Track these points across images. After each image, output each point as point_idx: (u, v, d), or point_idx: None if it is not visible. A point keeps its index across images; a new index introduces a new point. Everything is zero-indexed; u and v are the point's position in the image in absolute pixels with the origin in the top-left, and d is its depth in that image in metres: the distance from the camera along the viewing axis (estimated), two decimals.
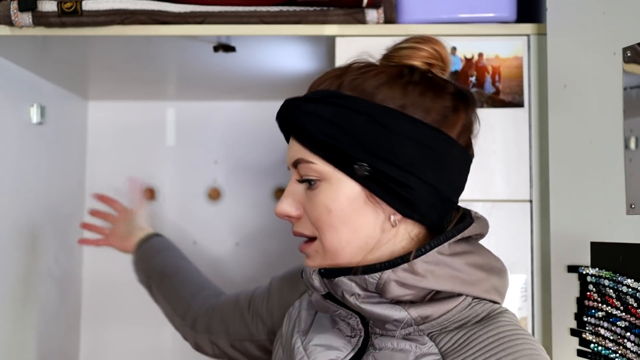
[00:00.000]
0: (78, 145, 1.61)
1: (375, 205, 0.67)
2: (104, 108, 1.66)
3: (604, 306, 0.90)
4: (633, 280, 0.86)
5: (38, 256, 1.37)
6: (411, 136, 0.65)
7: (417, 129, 0.66)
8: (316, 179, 0.68)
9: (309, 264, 0.71)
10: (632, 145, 0.87)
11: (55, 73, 1.37)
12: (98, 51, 1.21)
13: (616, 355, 0.88)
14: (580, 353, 0.93)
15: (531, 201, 1.05)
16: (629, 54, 0.88)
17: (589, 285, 0.92)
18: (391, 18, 1.07)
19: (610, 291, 0.89)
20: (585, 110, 0.94)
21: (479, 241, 0.74)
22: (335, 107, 0.67)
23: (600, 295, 0.90)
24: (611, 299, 0.89)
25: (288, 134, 0.73)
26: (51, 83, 1.43)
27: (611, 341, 0.89)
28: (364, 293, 0.67)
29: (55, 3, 1.04)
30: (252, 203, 1.65)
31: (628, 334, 0.87)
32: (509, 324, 0.65)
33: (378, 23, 1.07)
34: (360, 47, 0.75)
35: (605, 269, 0.90)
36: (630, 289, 0.86)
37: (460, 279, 0.67)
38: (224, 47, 1.14)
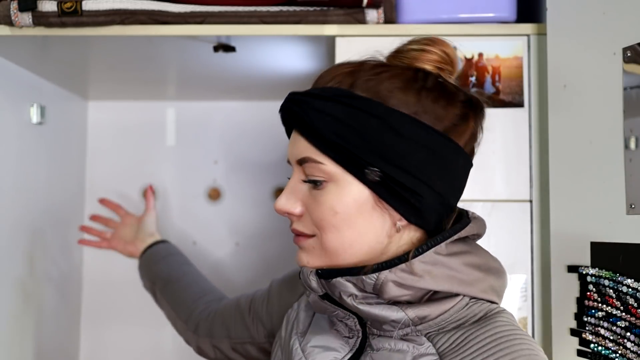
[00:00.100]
0: (78, 145, 1.61)
1: (382, 210, 0.67)
2: (104, 108, 1.66)
3: (604, 306, 0.90)
4: (633, 280, 0.86)
5: (38, 256, 1.37)
6: (424, 143, 0.65)
7: (429, 137, 0.66)
8: (323, 180, 0.67)
9: (302, 258, 0.71)
10: (632, 145, 0.87)
11: (55, 73, 1.37)
12: (98, 51, 1.21)
13: (616, 355, 0.88)
14: (580, 353, 0.93)
15: (531, 201, 1.05)
16: (629, 54, 0.88)
17: (589, 285, 0.92)
18: (391, 18, 1.07)
19: (610, 291, 0.89)
20: (585, 110, 0.94)
21: (477, 241, 0.74)
22: (347, 108, 0.65)
23: (600, 295, 0.90)
24: (611, 299, 0.89)
25: (291, 128, 0.72)
26: (51, 83, 1.43)
27: (611, 341, 0.89)
28: (361, 294, 0.67)
29: (55, 3, 1.04)
30: (252, 203, 1.65)
31: (628, 334, 0.87)
32: (507, 324, 0.65)
33: (378, 23, 1.07)
34: (360, 47, 0.75)
35: (605, 269, 0.90)
36: (630, 289, 0.86)
37: (457, 279, 0.67)
38: (224, 47, 1.14)
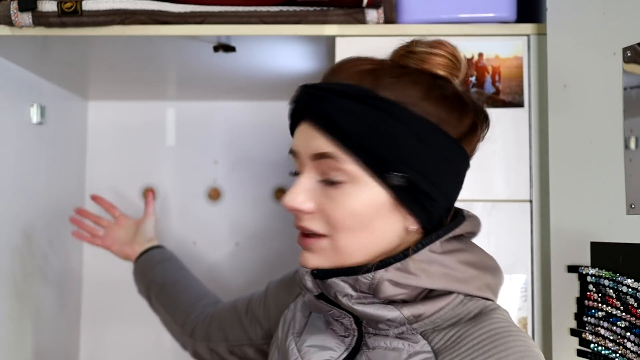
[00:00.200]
0: (78, 145, 1.61)
1: (398, 213, 0.67)
2: (104, 108, 1.66)
3: (604, 306, 0.90)
4: (633, 280, 0.86)
5: (38, 256, 1.37)
6: (442, 151, 0.67)
7: (447, 144, 0.67)
8: (342, 179, 0.66)
9: (309, 260, 0.69)
10: (632, 145, 0.87)
11: (55, 73, 1.37)
12: (98, 51, 1.21)
13: (616, 355, 0.88)
14: (580, 353, 0.93)
15: (531, 201, 1.05)
16: (629, 54, 0.88)
17: (589, 285, 0.92)
18: (391, 18, 1.07)
19: (610, 291, 0.89)
20: (585, 110, 0.94)
21: (473, 240, 0.74)
22: (373, 109, 0.65)
23: (600, 295, 0.90)
24: (611, 299, 0.89)
25: (298, 121, 0.70)
26: (51, 83, 1.43)
27: (611, 341, 0.89)
28: (357, 294, 0.67)
29: (55, 3, 1.04)
30: (252, 203, 1.65)
31: (628, 334, 0.87)
32: (501, 321, 0.65)
33: (378, 23, 1.07)
34: (360, 47, 0.75)
35: (605, 269, 0.90)
36: (630, 289, 0.86)
37: (452, 277, 0.67)
38: (224, 47, 1.14)
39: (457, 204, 0.74)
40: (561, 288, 0.96)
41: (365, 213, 0.66)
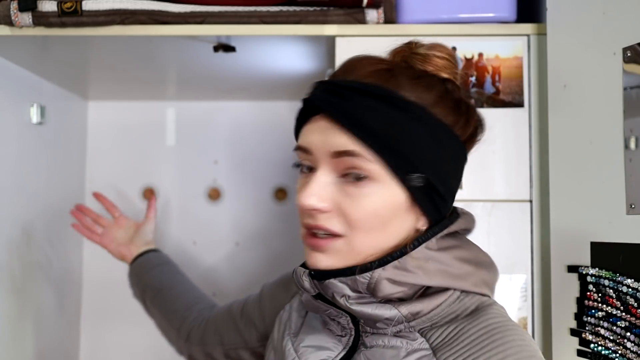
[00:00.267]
0: (78, 145, 1.61)
1: (412, 213, 0.68)
2: (104, 108, 1.66)
3: (604, 306, 0.90)
4: (633, 280, 0.86)
5: (38, 256, 1.37)
6: (454, 154, 0.69)
7: (456, 147, 0.69)
8: (364, 177, 0.65)
9: (321, 261, 0.67)
10: (632, 145, 0.87)
11: (55, 73, 1.37)
12: (98, 51, 1.21)
13: (616, 355, 0.88)
14: (580, 353, 0.93)
15: (531, 201, 1.05)
16: (629, 54, 0.88)
17: (589, 285, 0.92)
18: (391, 18, 1.07)
19: (610, 291, 0.89)
20: (585, 110, 0.94)
21: (466, 237, 0.75)
22: (396, 109, 0.65)
23: (600, 295, 0.90)
24: (611, 299, 0.89)
25: (310, 116, 0.68)
26: (51, 83, 1.43)
27: (611, 341, 0.89)
28: (354, 294, 0.67)
29: (55, 3, 1.04)
30: (252, 203, 1.65)
31: (628, 334, 0.87)
32: (498, 316, 0.65)
33: (378, 23, 1.07)
34: (360, 47, 0.75)
35: (605, 269, 0.90)
36: (630, 289, 0.86)
37: (449, 273, 0.67)
38: (224, 47, 1.14)
39: (458, 204, 0.74)
40: (561, 288, 0.96)
41: (384, 213, 0.66)
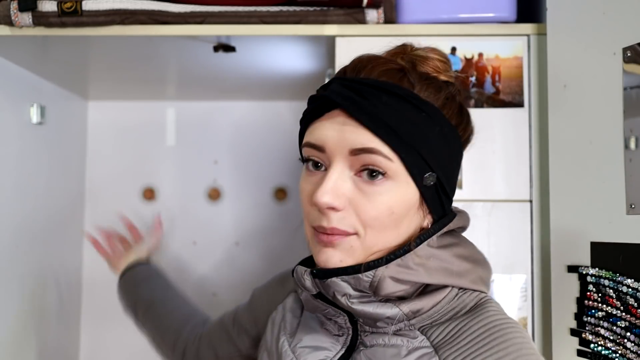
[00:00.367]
0: (78, 145, 1.61)
1: (421, 212, 0.69)
2: (104, 108, 1.66)
3: (604, 306, 0.90)
4: (633, 280, 0.86)
5: (38, 256, 1.37)
6: (457, 154, 0.71)
7: (460, 148, 0.71)
8: (380, 175, 0.65)
9: (332, 258, 0.66)
10: (632, 145, 0.87)
11: (55, 73, 1.37)
12: (98, 51, 1.21)
13: (616, 355, 0.88)
14: (580, 353, 0.93)
15: (531, 201, 1.05)
16: (629, 54, 0.88)
17: (589, 285, 0.92)
18: (391, 18, 1.07)
19: (610, 291, 0.89)
20: (585, 110, 0.94)
21: (462, 234, 0.76)
22: (415, 109, 0.65)
23: (600, 295, 0.90)
24: (611, 299, 0.89)
25: (322, 112, 0.67)
26: (51, 83, 1.43)
27: (611, 341, 0.89)
28: (356, 293, 0.66)
29: (55, 3, 1.04)
30: (252, 203, 1.65)
31: (628, 334, 0.87)
32: (497, 313, 0.66)
33: (378, 23, 1.07)
34: (360, 47, 0.75)
35: (605, 269, 0.90)
36: (630, 289, 0.86)
37: (449, 271, 0.68)
38: (224, 47, 1.14)
39: (458, 204, 0.75)
40: (561, 288, 0.96)
41: (398, 212, 0.66)
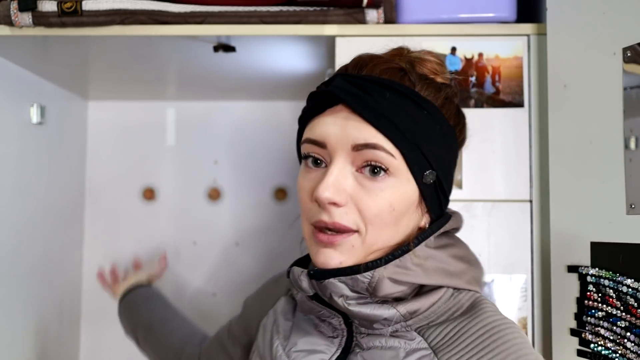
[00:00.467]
0: (78, 145, 1.61)
1: (419, 211, 0.69)
2: (104, 108, 1.66)
3: (604, 306, 0.90)
4: (633, 280, 0.86)
5: (37, 256, 1.37)
6: (454, 154, 0.71)
7: (456, 149, 0.71)
8: (382, 171, 0.65)
9: (333, 258, 0.66)
10: (632, 145, 0.87)
11: (55, 73, 1.37)
12: (98, 51, 1.21)
13: (616, 355, 0.88)
14: (580, 353, 0.93)
15: (531, 201, 1.05)
16: (629, 54, 0.88)
17: (589, 285, 0.92)
18: (391, 18, 1.07)
19: (610, 291, 0.89)
20: (585, 110, 0.94)
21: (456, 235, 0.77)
22: (418, 107, 0.66)
23: (600, 295, 0.90)
24: (611, 299, 0.89)
25: (324, 107, 0.67)
26: (51, 83, 1.43)
27: (611, 341, 0.89)
28: (353, 294, 0.66)
29: (55, 3, 1.04)
30: (252, 203, 1.65)
31: (628, 334, 0.87)
32: (495, 314, 0.66)
33: (378, 23, 1.07)
34: (360, 47, 0.75)
35: (605, 269, 0.90)
36: (630, 289, 0.86)
37: (446, 271, 0.68)
38: (224, 47, 1.14)
39: (458, 204, 0.75)
40: (561, 288, 0.96)
41: (399, 209, 0.66)
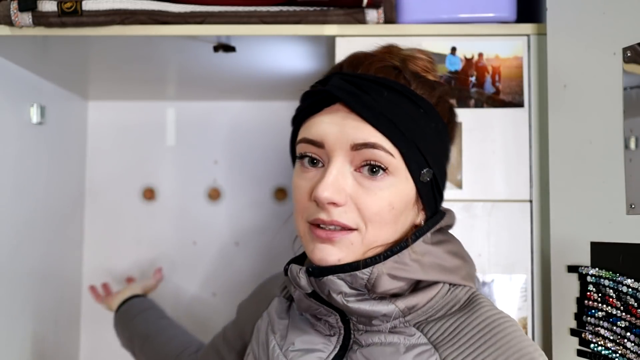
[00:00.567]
0: (78, 145, 1.61)
1: (416, 209, 0.69)
2: (104, 108, 1.66)
3: (604, 306, 0.90)
4: (633, 280, 0.86)
5: (37, 256, 1.37)
6: (449, 152, 0.72)
7: (449, 147, 0.72)
8: (381, 170, 0.65)
9: (331, 255, 0.66)
10: (632, 145, 0.87)
11: (55, 73, 1.37)
12: (98, 51, 1.21)
13: (616, 355, 0.88)
14: (580, 353, 0.93)
15: (531, 201, 1.05)
16: (629, 54, 0.88)
17: (589, 285, 0.92)
18: (391, 18, 1.07)
19: (610, 291, 0.89)
20: (585, 110, 0.94)
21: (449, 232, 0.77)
22: (415, 106, 0.66)
23: (600, 295, 0.90)
24: (611, 299, 0.89)
25: (322, 107, 0.67)
26: (51, 83, 1.43)
27: (611, 341, 0.89)
28: (351, 291, 0.66)
29: (55, 3, 1.04)
30: (252, 203, 1.65)
31: (628, 334, 0.87)
32: (492, 308, 0.67)
33: (378, 23, 1.07)
34: (360, 47, 0.75)
35: (605, 269, 0.90)
36: (630, 289, 0.86)
37: (442, 267, 0.69)
38: (224, 47, 1.14)
39: (458, 204, 0.75)
40: (561, 288, 0.96)
41: (399, 207, 0.66)
